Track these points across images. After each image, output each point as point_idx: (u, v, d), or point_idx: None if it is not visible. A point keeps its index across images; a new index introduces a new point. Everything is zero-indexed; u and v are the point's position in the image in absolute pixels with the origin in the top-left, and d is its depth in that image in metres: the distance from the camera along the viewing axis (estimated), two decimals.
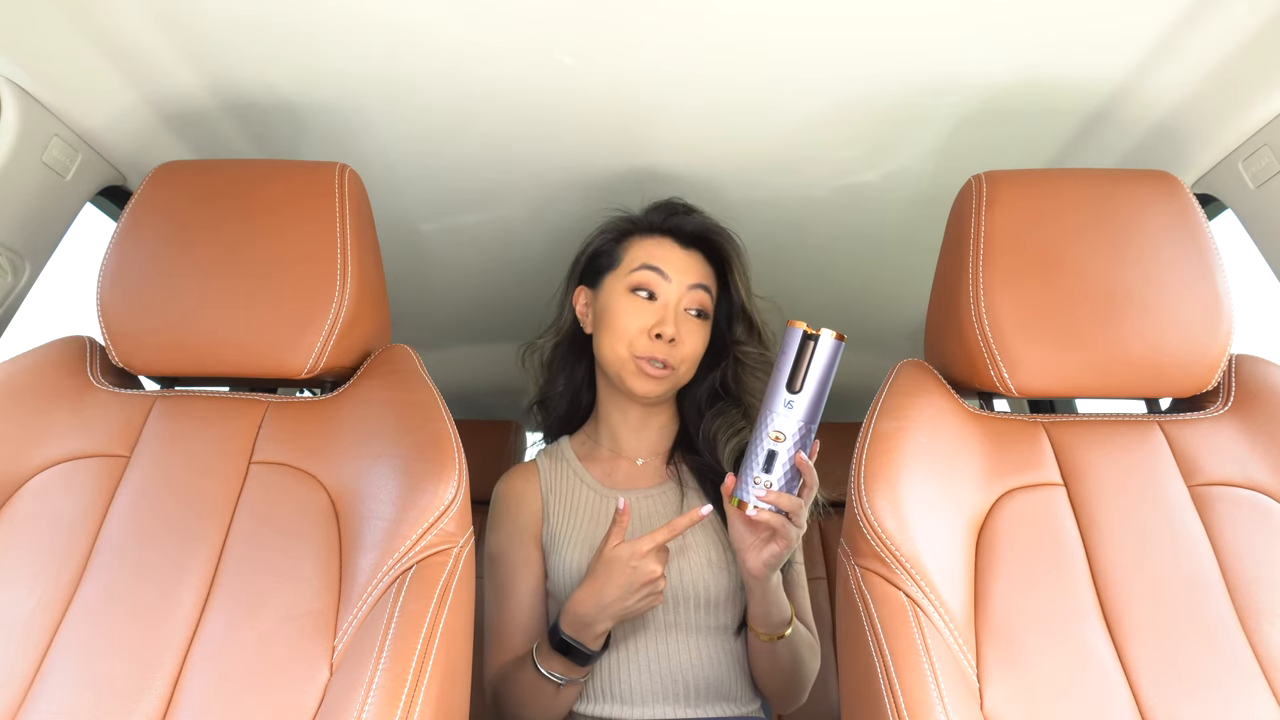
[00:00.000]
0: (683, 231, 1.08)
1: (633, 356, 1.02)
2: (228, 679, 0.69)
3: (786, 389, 0.80)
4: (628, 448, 1.11)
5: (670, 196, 1.13)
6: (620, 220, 1.12)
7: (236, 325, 0.86)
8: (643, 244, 1.07)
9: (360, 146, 1.10)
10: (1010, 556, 0.76)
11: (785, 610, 0.95)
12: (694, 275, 1.05)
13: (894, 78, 0.96)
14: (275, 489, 0.81)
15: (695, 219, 1.09)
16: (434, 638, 0.69)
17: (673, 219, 1.09)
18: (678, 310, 1.04)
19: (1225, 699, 0.69)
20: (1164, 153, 1.06)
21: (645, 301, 1.03)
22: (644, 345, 1.01)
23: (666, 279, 1.04)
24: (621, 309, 1.03)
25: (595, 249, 1.12)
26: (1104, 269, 0.85)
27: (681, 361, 1.03)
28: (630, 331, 1.02)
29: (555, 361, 1.16)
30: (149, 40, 0.91)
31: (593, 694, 0.99)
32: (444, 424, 0.82)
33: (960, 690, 0.67)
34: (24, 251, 0.99)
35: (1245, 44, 0.88)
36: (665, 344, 1.01)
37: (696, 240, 1.08)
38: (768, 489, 0.81)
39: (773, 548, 0.86)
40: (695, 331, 1.04)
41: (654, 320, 1.02)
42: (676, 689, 0.97)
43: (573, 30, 0.89)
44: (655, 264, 1.04)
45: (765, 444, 0.81)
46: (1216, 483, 0.81)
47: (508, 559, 1.04)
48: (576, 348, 1.14)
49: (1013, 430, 0.85)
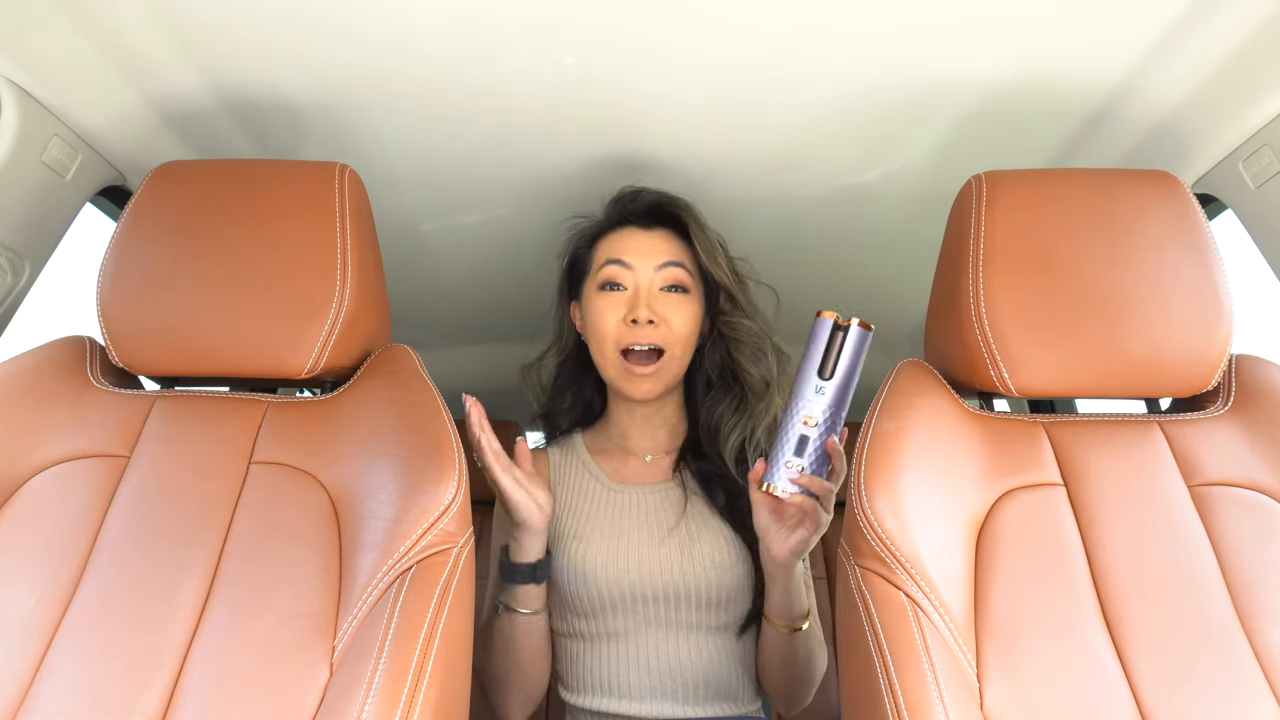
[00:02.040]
0: (639, 213, 1.07)
1: (619, 356, 1.02)
2: (228, 679, 0.69)
3: (818, 375, 0.82)
4: (637, 445, 1.11)
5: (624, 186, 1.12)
6: (585, 225, 1.12)
7: (236, 325, 0.86)
8: (607, 241, 1.08)
9: (360, 146, 1.10)
10: (1010, 556, 0.76)
11: (805, 602, 0.95)
12: (660, 255, 1.04)
13: (894, 78, 0.96)
14: (275, 489, 0.81)
15: (646, 196, 1.08)
16: (434, 638, 0.69)
17: (628, 206, 1.08)
18: (650, 292, 1.02)
19: (1225, 699, 0.69)
20: (1164, 153, 1.06)
21: (615, 294, 1.03)
22: (625, 335, 1.01)
23: (628, 267, 1.03)
24: (597, 309, 1.04)
25: (570, 260, 1.13)
26: (1104, 269, 0.85)
27: (674, 343, 1.02)
28: (609, 328, 1.02)
29: (561, 379, 1.16)
30: (149, 40, 0.91)
31: (593, 688, 0.99)
32: (444, 424, 0.82)
33: (960, 690, 0.67)
34: (24, 251, 0.99)
35: (1245, 44, 0.88)
36: (646, 328, 1.00)
37: (657, 218, 1.07)
38: (800, 472, 0.82)
39: (800, 533, 0.86)
40: (676, 308, 1.03)
41: (625, 309, 1.02)
42: (675, 686, 0.97)
43: (573, 30, 0.89)
44: (615, 256, 1.04)
45: (796, 429, 0.83)
46: (1216, 483, 0.81)
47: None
48: (584, 362, 1.14)
49: (1013, 430, 0.85)
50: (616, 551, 0.99)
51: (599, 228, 1.10)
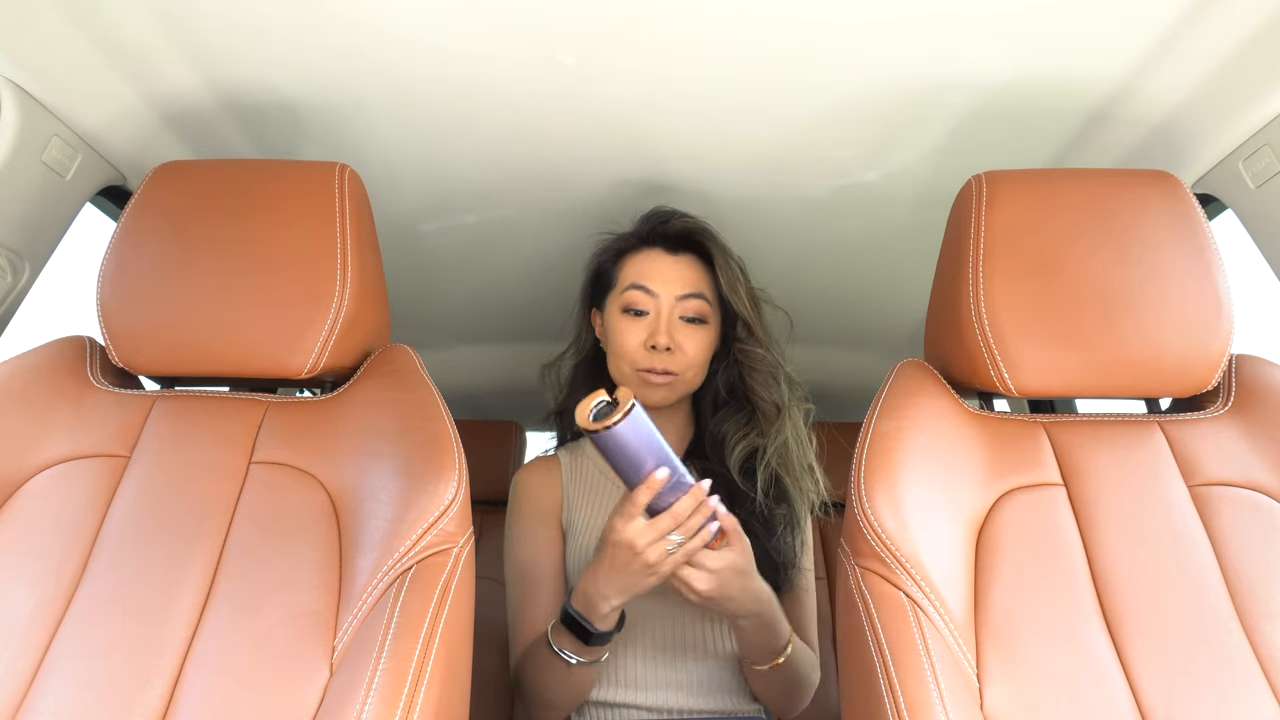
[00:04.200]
0: (668, 237, 1.09)
1: (635, 371, 1.04)
2: (228, 679, 0.69)
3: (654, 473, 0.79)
4: None
5: (660, 204, 1.14)
6: (613, 240, 1.14)
7: (236, 325, 0.86)
8: (634, 260, 1.09)
9: (360, 146, 1.10)
10: (1010, 556, 0.76)
11: (780, 637, 0.95)
12: (683, 285, 1.06)
13: (894, 78, 0.96)
14: (275, 489, 0.81)
15: (678, 223, 1.09)
16: (434, 638, 0.69)
17: (658, 227, 1.10)
18: (670, 320, 1.04)
19: (1225, 699, 0.69)
20: (1164, 153, 1.06)
21: (637, 319, 1.05)
22: (643, 358, 1.03)
23: (653, 295, 1.05)
24: (618, 330, 1.06)
25: (595, 271, 1.15)
26: (1104, 269, 0.85)
27: (686, 369, 1.04)
28: (629, 349, 1.04)
29: (576, 380, 1.18)
30: (149, 40, 0.91)
31: (601, 678, 1.01)
32: (444, 424, 0.82)
33: (960, 690, 0.67)
34: (24, 251, 0.99)
35: (1245, 44, 0.88)
36: (663, 354, 1.03)
37: (683, 244, 1.09)
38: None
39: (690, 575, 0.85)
40: (692, 337, 1.05)
41: (646, 334, 1.04)
42: (681, 678, 1.00)
43: (573, 31, 0.89)
44: (641, 282, 1.06)
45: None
46: (1216, 483, 0.81)
47: (530, 540, 1.06)
48: (599, 365, 1.16)
49: (1013, 430, 0.85)
50: None
51: (626, 244, 1.12)
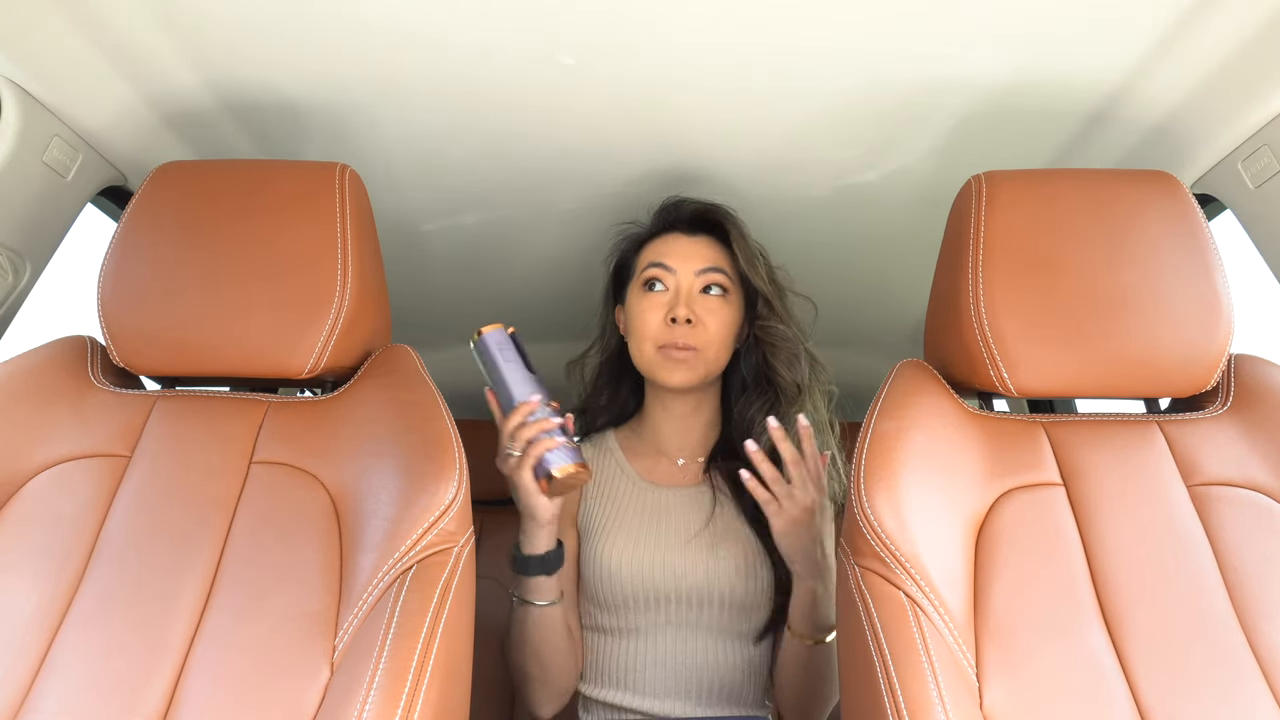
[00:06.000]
0: (683, 220, 1.10)
1: (657, 350, 1.04)
2: (228, 678, 0.69)
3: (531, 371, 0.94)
4: (670, 446, 1.12)
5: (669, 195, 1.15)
6: (632, 232, 1.16)
7: (237, 325, 0.86)
8: (652, 246, 1.11)
9: (360, 146, 1.10)
10: (1010, 556, 0.76)
11: (832, 615, 0.95)
12: (700, 260, 1.07)
13: (894, 78, 0.96)
14: (276, 489, 0.81)
15: (690, 204, 1.11)
16: (434, 637, 0.69)
17: (672, 213, 1.12)
18: (689, 294, 1.05)
19: (1225, 699, 0.69)
20: (1164, 153, 1.06)
21: (656, 294, 1.06)
22: (664, 334, 1.04)
23: (670, 270, 1.06)
24: (638, 309, 1.07)
25: (616, 265, 1.17)
26: (1104, 269, 0.85)
27: (707, 344, 1.04)
28: (649, 326, 1.05)
29: (600, 377, 1.19)
30: (149, 40, 0.91)
31: (608, 682, 1.01)
32: (444, 424, 0.82)
33: (960, 690, 0.67)
34: (24, 251, 0.99)
35: (1245, 44, 0.88)
36: (684, 328, 1.02)
37: (700, 225, 1.10)
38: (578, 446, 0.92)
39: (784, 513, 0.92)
40: (714, 311, 1.05)
41: (666, 310, 1.04)
42: (690, 686, 0.99)
43: (573, 30, 0.89)
44: (658, 259, 1.07)
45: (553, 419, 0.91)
46: (1216, 483, 0.81)
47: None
48: (624, 363, 1.16)
49: (1012, 430, 0.85)
50: (643, 550, 1.01)
51: (645, 233, 1.14)
